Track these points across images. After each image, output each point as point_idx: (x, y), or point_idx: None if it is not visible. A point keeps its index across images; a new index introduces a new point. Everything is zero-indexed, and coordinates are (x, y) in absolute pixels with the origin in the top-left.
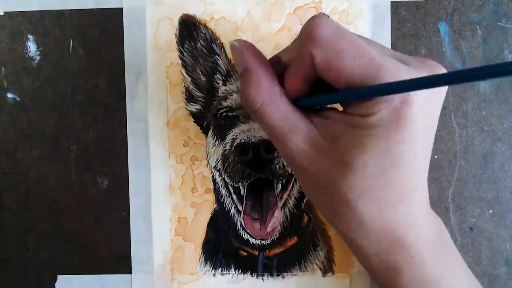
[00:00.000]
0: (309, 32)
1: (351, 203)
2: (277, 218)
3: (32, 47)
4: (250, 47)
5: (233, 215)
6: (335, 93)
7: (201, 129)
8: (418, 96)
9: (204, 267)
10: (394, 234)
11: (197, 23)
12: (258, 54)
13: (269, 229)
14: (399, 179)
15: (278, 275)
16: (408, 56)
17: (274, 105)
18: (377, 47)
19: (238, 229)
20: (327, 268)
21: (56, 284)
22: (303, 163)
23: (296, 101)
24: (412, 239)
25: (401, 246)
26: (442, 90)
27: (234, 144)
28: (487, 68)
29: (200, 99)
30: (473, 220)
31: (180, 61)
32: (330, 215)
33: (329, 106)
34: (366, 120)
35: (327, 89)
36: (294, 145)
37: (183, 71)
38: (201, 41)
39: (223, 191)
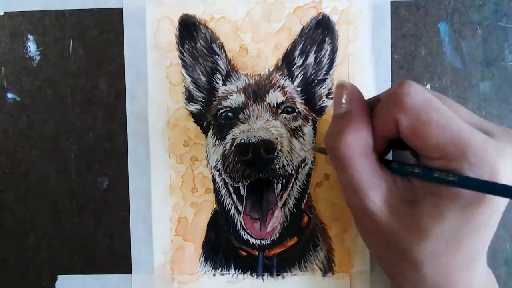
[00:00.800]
0: (398, 99)
1: (418, 264)
2: (277, 218)
3: (32, 47)
4: (359, 93)
5: (233, 215)
6: (433, 173)
7: (201, 129)
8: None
9: (204, 267)
10: None
11: (197, 23)
12: (364, 103)
13: (269, 229)
14: (470, 248)
15: (278, 275)
16: (493, 125)
17: (365, 159)
18: (465, 115)
19: (238, 229)
20: (327, 268)
21: (56, 284)
22: (376, 220)
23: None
24: None
25: None
26: None
27: (234, 144)
28: None
29: (200, 99)
30: None
31: (180, 61)
32: (392, 269)
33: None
34: (451, 190)
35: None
36: (371, 203)
37: (183, 71)
38: (201, 41)
39: (223, 191)
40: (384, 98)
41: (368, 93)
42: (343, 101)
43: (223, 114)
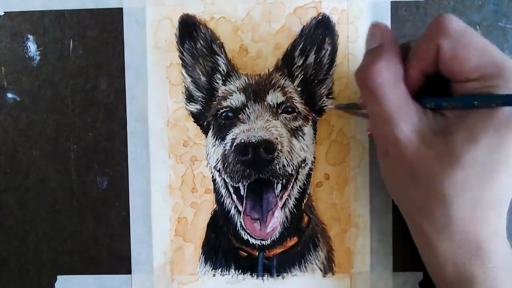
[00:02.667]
0: (439, 24)
1: (447, 198)
2: (277, 218)
3: (32, 47)
4: (391, 31)
5: (233, 215)
6: (463, 97)
7: (201, 129)
8: None
9: (204, 267)
10: (478, 242)
11: (197, 23)
12: (395, 39)
13: (269, 229)
14: (500, 183)
15: (278, 276)
16: None
17: (395, 86)
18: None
19: (238, 229)
20: (327, 268)
21: (56, 284)
22: (406, 152)
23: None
24: (492, 253)
25: (481, 256)
26: None
27: (234, 144)
28: None
29: (200, 99)
30: None
31: (180, 61)
32: (417, 210)
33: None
34: (485, 113)
35: (437, 91)
36: (402, 133)
37: (183, 71)
38: (201, 41)
39: (223, 191)
40: (426, 28)
41: None
42: (375, 36)
43: (223, 114)
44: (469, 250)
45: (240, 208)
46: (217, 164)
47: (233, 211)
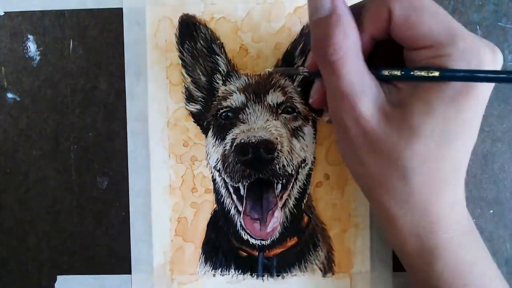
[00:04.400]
0: None
1: (407, 171)
2: (277, 218)
3: (32, 47)
4: None
5: (233, 215)
6: (412, 72)
7: (201, 129)
8: None
9: (204, 267)
10: (438, 213)
11: (197, 23)
12: (345, 3)
13: (269, 229)
14: (456, 151)
15: (278, 276)
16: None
17: (355, 59)
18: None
19: (238, 229)
20: (327, 268)
21: (56, 284)
22: (367, 127)
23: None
24: (453, 222)
25: (441, 227)
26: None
27: (234, 144)
28: None
29: (200, 99)
30: (474, 220)
31: (180, 61)
32: (378, 185)
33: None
34: (439, 84)
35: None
36: (363, 107)
37: (183, 71)
38: (201, 41)
39: (223, 191)
40: None
41: None
42: (323, 2)
43: (223, 114)
44: (430, 221)
45: (240, 208)
46: (217, 164)
47: (233, 211)
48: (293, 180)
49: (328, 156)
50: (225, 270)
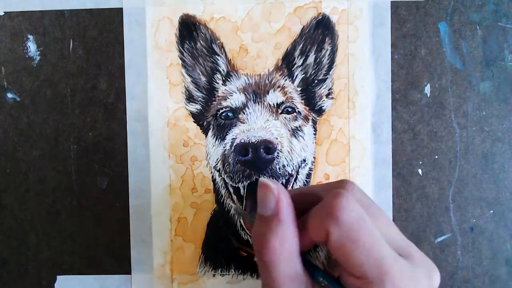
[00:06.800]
0: (331, 212)
1: None
2: None
3: (32, 47)
4: (286, 195)
5: (233, 215)
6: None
7: (201, 129)
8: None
9: (204, 267)
10: None
11: (197, 23)
12: (291, 205)
13: None
14: None
15: None
16: (416, 249)
17: (288, 264)
18: (393, 235)
19: (238, 229)
20: (327, 268)
21: (56, 284)
22: None
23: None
24: None
25: None
26: None
27: (234, 144)
28: None
29: (200, 99)
30: (474, 220)
31: (180, 61)
32: None
33: None
34: None
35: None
36: None
37: (183, 71)
38: (201, 41)
39: (223, 191)
40: (319, 207)
41: (368, 93)
42: (268, 203)
43: (223, 114)
44: None
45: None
46: (217, 164)
47: (233, 211)
48: (293, 180)
49: (328, 156)
50: (225, 270)
